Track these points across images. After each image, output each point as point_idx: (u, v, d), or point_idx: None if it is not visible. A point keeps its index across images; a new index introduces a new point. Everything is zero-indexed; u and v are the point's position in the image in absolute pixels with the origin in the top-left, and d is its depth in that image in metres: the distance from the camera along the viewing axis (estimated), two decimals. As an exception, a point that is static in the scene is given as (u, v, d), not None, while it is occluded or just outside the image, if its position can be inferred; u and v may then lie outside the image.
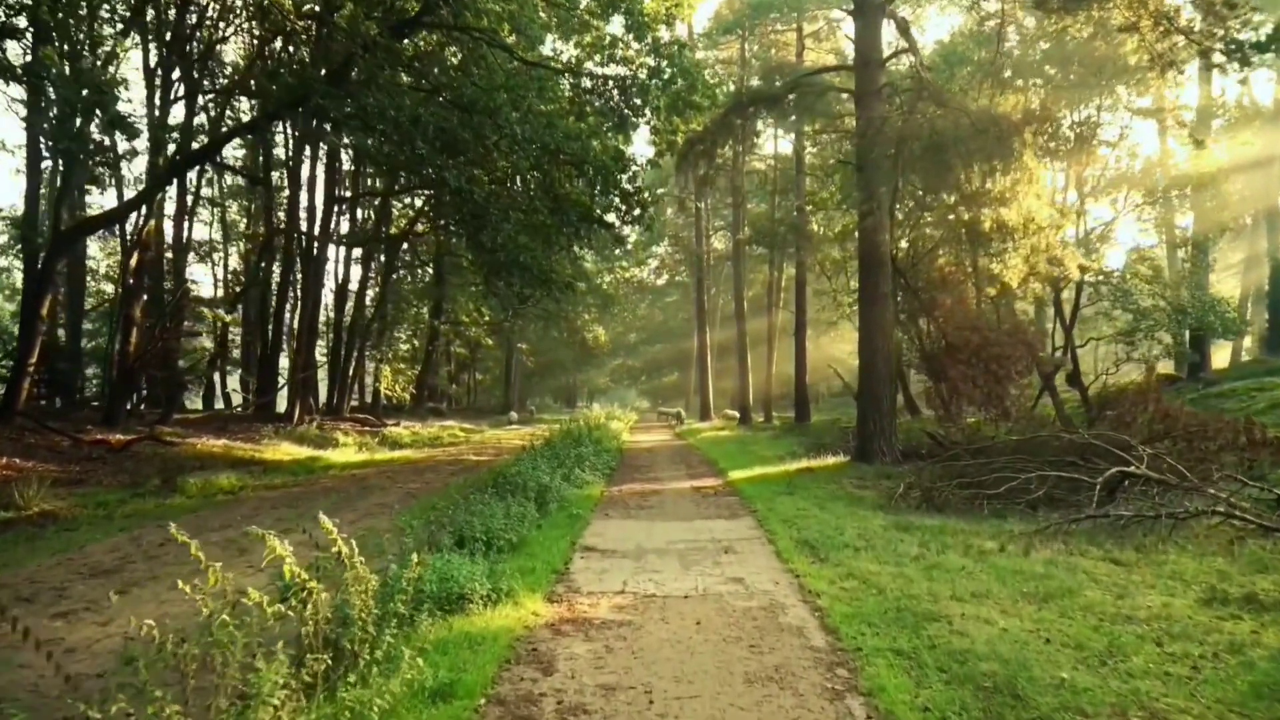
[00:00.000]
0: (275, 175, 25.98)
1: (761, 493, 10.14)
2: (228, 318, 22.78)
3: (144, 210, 17.28)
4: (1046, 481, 8.61)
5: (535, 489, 8.42)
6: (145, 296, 18.50)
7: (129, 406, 20.99)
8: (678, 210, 45.94)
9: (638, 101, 14.76)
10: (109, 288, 28.23)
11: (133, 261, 16.66)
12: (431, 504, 9.61)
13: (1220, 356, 29.26)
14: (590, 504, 9.42)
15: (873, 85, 12.74)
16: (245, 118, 22.01)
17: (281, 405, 24.29)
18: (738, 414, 31.31)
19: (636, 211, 14.30)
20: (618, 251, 49.93)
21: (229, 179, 31.52)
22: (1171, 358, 23.03)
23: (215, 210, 34.10)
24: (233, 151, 31.45)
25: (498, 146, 13.35)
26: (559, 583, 5.91)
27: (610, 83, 14.76)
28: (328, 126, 14.61)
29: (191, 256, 33.11)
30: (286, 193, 24.56)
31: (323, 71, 13.92)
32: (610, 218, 14.58)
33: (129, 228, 18.52)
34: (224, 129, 18.93)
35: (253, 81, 17.47)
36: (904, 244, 16.36)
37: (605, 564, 6.48)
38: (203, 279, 45.08)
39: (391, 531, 8.05)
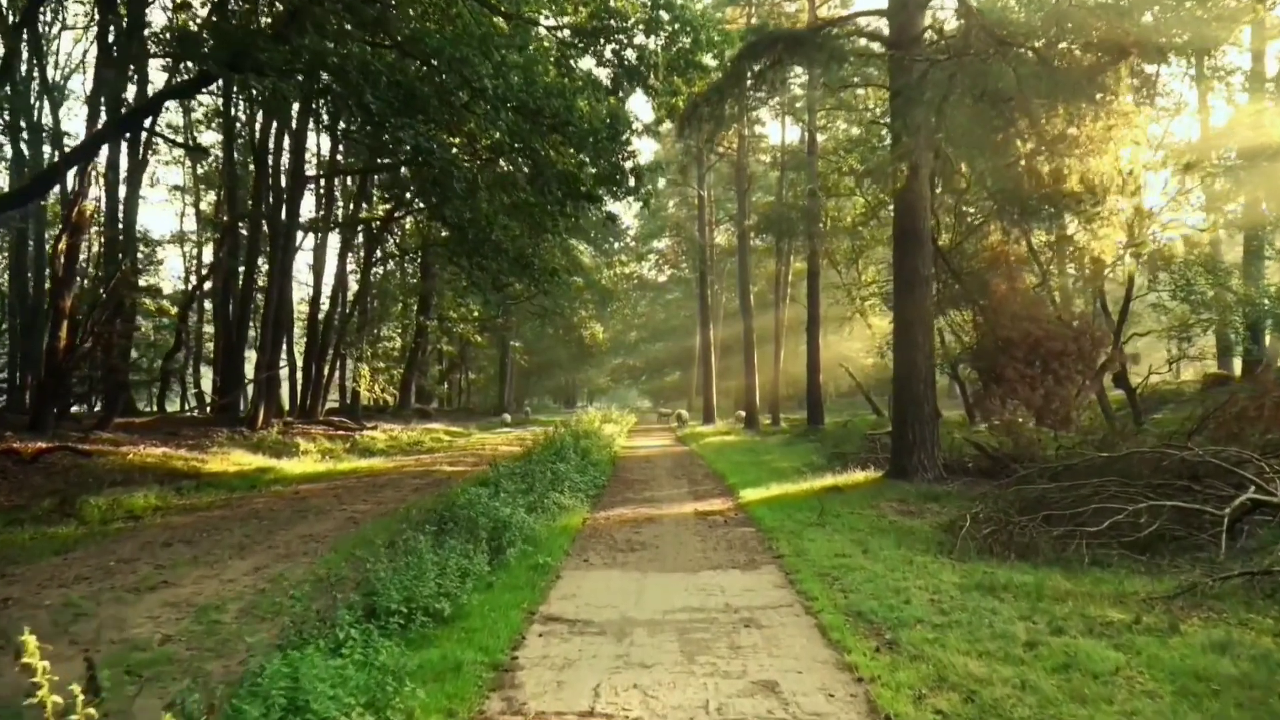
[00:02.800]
0: (251, 162, 23.98)
1: (784, 522, 8.10)
2: (173, 310, 20.69)
3: (78, 187, 15.32)
4: (1161, 514, 6.58)
5: (489, 527, 6.36)
6: (81, 286, 16.53)
7: (71, 410, 19.06)
8: (679, 202, 43.99)
9: (632, 59, 12.75)
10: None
11: (61, 246, 14.64)
12: (370, 536, 7.63)
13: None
14: (566, 541, 7.36)
15: (913, 30, 10.69)
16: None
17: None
18: (744, 415, 29.27)
19: (630, 182, 12.23)
20: (616, 245, 47.88)
21: (201, 166, 29.58)
22: (1215, 355, 20.89)
23: (188, 198, 32.31)
24: (212, 136, 29.54)
25: (468, 106, 11.34)
26: (495, 691, 3.87)
27: (601, 37, 12.71)
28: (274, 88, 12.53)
29: (167, 246, 31.38)
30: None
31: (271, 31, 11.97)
32: (601, 192, 12.50)
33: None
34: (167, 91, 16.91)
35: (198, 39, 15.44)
36: (945, 219, 14.22)
37: (572, 650, 4.45)
38: (176, 272, 43.14)
39: (308, 582, 6.05)
